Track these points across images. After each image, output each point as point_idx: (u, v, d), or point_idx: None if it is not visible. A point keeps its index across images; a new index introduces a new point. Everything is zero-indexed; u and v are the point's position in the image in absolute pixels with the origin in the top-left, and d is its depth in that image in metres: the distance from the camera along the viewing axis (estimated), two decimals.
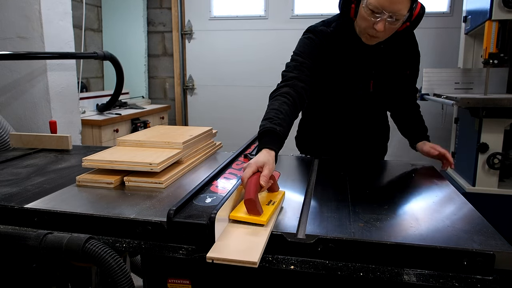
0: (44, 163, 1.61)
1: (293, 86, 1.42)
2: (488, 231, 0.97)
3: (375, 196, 1.26)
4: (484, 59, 2.62)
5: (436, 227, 1.00)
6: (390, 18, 1.37)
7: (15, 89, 2.44)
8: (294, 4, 4.00)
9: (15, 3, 2.34)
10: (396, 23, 1.39)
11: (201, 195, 1.09)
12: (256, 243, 0.90)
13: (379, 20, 1.38)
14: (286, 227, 0.98)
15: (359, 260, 0.91)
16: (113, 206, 1.12)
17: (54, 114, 2.46)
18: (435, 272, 0.88)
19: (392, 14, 1.35)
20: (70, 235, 0.98)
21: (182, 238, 0.98)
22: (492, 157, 2.58)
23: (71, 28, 2.59)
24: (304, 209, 1.13)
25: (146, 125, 3.64)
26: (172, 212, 0.93)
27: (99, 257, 0.94)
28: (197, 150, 1.60)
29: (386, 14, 1.36)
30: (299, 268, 0.93)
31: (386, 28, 1.39)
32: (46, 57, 2.38)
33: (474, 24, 2.89)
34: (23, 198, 1.17)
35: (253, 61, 4.12)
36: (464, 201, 1.20)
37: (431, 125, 1.80)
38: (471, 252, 0.86)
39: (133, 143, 1.50)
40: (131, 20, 4.23)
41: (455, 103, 2.57)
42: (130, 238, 1.03)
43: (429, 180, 1.43)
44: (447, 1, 3.73)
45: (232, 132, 3.95)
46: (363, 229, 0.97)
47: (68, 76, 2.58)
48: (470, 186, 2.71)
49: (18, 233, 1.03)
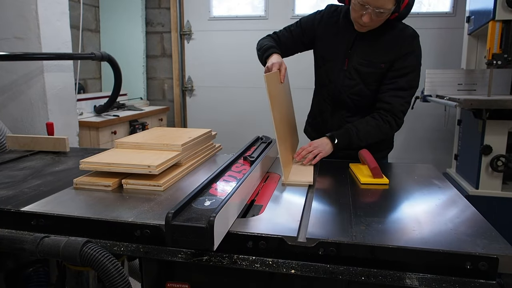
0: (41, 166, 1.61)
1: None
2: (492, 235, 0.97)
3: (377, 199, 1.27)
4: (487, 60, 2.62)
5: (438, 230, 1.00)
6: (376, 11, 1.49)
7: (11, 90, 2.44)
8: (295, 4, 4.02)
9: (12, 3, 2.35)
10: (383, 15, 1.52)
11: (200, 198, 1.09)
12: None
13: (365, 13, 1.52)
14: (286, 231, 0.98)
15: (360, 264, 0.91)
16: (111, 209, 1.12)
17: (51, 116, 2.46)
18: (438, 276, 0.88)
19: (377, 8, 1.48)
20: (67, 239, 0.98)
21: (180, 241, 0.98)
22: (496, 160, 2.58)
23: (69, 29, 2.59)
24: (305, 212, 1.13)
25: (144, 127, 3.65)
26: (171, 215, 0.93)
27: (97, 261, 0.94)
28: (196, 152, 1.60)
29: (371, 8, 1.49)
30: (300, 272, 0.93)
31: (372, 20, 1.53)
32: (43, 57, 2.38)
33: (478, 24, 2.90)
34: (19, 201, 1.17)
35: (253, 62, 4.03)
36: (467, 204, 1.20)
37: (433, 126, 1.80)
38: (474, 256, 0.87)
39: (131, 145, 1.50)
40: (129, 21, 4.24)
41: (458, 104, 2.57)
42: (128, 242, 1.03)
43: (431, 182, 1.43)
44: (450, 1, 3.74)
45: (231, 134, 3.95)
46: (364, 232, 0.97)
47: (65, 77, 2.59)
48: (473, 189, 2.71)
49: (14, 236, 1.04)
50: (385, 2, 1.48)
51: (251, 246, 0.96)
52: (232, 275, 1.03)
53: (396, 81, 1.65)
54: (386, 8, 1.49)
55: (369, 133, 1.65)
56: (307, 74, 1.75)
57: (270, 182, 1.40)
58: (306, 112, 2.04)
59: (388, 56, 1.65)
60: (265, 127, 3.98)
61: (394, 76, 1.65)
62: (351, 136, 1.63)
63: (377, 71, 1.68)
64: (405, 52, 1.63)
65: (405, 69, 1.64)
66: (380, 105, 1.68)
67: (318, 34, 1.80)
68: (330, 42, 1.76)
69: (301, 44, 1.85)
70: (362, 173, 1.46)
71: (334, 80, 1.77)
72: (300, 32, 1.83)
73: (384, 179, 1.40)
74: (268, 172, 1.52)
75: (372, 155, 1.47)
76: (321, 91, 1.87)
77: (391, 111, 1.65)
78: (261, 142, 1.77)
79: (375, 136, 1.67)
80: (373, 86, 1.71)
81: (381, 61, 1.66)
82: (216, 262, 0.96)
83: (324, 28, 1.78)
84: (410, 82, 1.65)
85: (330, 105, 1.83)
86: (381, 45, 1.66)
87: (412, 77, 1.65)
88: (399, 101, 1.65)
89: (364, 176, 1.43)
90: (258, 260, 0.95)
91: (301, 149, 1.61)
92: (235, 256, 0.96)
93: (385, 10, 1.50)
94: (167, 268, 1.06)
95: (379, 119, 1.66)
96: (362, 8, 1.51)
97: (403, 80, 1.64)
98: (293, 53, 1.88)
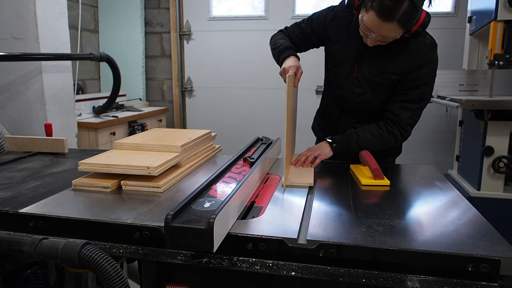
0: (40, 167, 1.61)
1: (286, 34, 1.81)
2: (493, 236, 0.97)
3: (378, 200, 1.27)
4: (489, 60, 2.62)
5: (440, 232, 1.00)
6: (381, 36, 1.43)
7: (9, 91, 2.44)
8: (295, 4, 4.02)
9: (10, 3, 2.35)
10: (388, 40, 1.46)
11: (199, 200, 1.09)
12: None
13: (369, 37, 1.46)
14: (287, 232, 0.98)
15: (361, 266, 0.91)
16: (110, 210, 1.12)
17: (49, 117, 2.46)
18: (439, 279, 0.88)
19: (381, 36, 1.43)
20: (66, 241, 0.98)
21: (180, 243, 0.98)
22: (498, 161, 2.58)
23: (67, 29, 2.59)
24: (305, 213, 1.13)
25: (143, 128, 3.65)
26: (170, 217, 0.93)
27: (96, 263, 0.94)
28: (195, 153, 1.60)
29: (374, 35, 1.43)
30: (300, 274, 0.93)
31: (377, 42, 1.48)
32: (42, 58, 2.38)
33: (479, 24, 2.90)
34: (18, 203, 1.18)
35: (254, 63, 4.12)
36: (469, 206, 1.20)
37: (435, 127, 1.79)
38: (476, 258, 0.87)
39: (131, 146, 1.50)
40: (128, 21, 4.24)
41: (459, 105, 2.57)
42: (127, 244, 1.03)
43: (433, 183, 1.43)
44: (451, 1, 3.75)
45: (231, 135, 3.95)
46: (365, 234, 0.98)
47: (64, 77, 2.59)
48: (475, 190, 2.71)
49: (13, 238, 1.03)
50: (390, 32, 1.40)
51: (251, 248, 0.96)
52: (232, 277, 1.03)
53: (406, 93, 1.60)
54: (390, 36, 1.42)
55: (370, 142, 1.62)
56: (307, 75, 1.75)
57: (270, 184, 1.40)
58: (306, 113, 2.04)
59: (400, 67, 1.57)
60: (266, 128, 4.00)
61: (406, 87, 1.60)
62: (351, 143, 1.62)
63: (388, 82, 1.61)
64: (420, 64, 1.55)
65: (418, 81, 1.57)
66: (387, 115, 1.64)
67: (329, 33, 1.72)
68: (341, 45, 1.69)
69: (311, 43, 1.80)
70: (363, 175, 1.46)
71: (342, 86, 1.72)
72: (310, 30, 1.76)
73: (385, 180, 1.40)
74: (268, 173, 1.52)
75: (373, 157, 1.47)
76: (329, 94, 1.84)
77: (397, 123, 1.62)
78: (261, 143, 1.77)
79: (376, 145, 1.63)
80: (382, 95, 1.66)
81: (392, 71, 1.59)
82: (215, 264, 0.96)
83: (336, 29, 1.69)
84: (421, 95, 1.59)
85: (337, 110, 1.80)
86: (395, 54, 1.57)
87: (425, 90, 1.59)
88: (407, 114, 1.60)
89: (365, 177, 1.43)
90: (258, 262, 0.95)
91: (300, 156, 1.61)
92: (235, 258, 0.97)
93: (389, 38, 1.43)
94: (167, 270, 1.06)
95: (383, 130, 1.62)
96: (367, 31, 1.45)
97: (415, 92, 1.59)
98: (305, 49, 1.82)
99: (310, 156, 1.59)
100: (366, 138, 1.62)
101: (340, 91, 1.74)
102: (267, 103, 4.08)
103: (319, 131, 1.98)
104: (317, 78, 1.96)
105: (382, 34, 1.42)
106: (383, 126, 1.63)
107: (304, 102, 2.31)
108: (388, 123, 1.63)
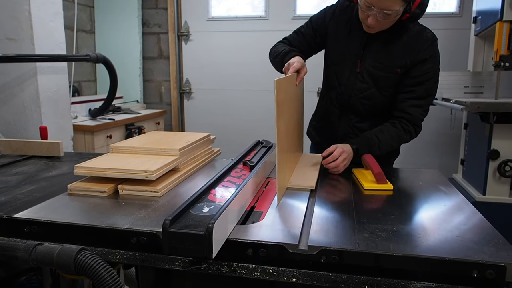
0: (34, 171, 1.61)
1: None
2: (499, 242, 0.97)
3: (381, 205, 1.27)
4: (495, 61, 2.64)
5: (444, 237, 1.01)
6: (383, 12, 1.46)
7: (3, 93, 2.45)
8: (296, 4, 4.03)
9: (4, 3, 2.36)
10: (390, 17, 1.49)
11: (198, 204, 1.09)
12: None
13: (370, 14, 1.50)
14: (287, 238, 0.98)
15: (364, 273, 0.92)
16: (106, 215, 1.12)
17: (44, 119, 2.47)
18: (444, 285, 0.88)
19: (382, 10, 1.45)
20: (61, 246, 0.98)
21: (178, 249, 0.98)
22: (503, 165, 2.59)
23: (63, 29, 2.60)
24: (307, 218, 1.13)
25: (141, 131, 3.65)
26: (168, 222, 0.93)
27: (92, 269, 0.94)
28: (194, 157, 1.60)
29: (376, 10, 1.46)
30: (301, 281, 0.93)
31: (379, 21, 1.50)
32: (36, 59, 2.39)
33: (485, 25, 2.91)
34: (12, 207, 1.18)
35: (253, 64, 4.12)
36: (474, 211, 1.20)
37: (439, 131, 1.80)
38: (481, 264, 0.87)
39: (128, 150, 1.50)
40: (125, 21, 4.26)
41: (464, 108, 2.58)
42: (124, 249, 1.03)
43: (437, 188, 1.43)
44: (456, 1, 3.76)
45: (230, 138, 3.95)
46: (368, 240, 0.98)
47: (59, 79, 2.60)
48: (480, 194, 2.71)
49: (6, 244, 1.04)
50: (391, 3, 1.44)
51: (251, 253, 0.96)
52: (231, 284, 1.04)
53: (413, 90, 1.63)
54: (392, 10, 1.45)
55: (390, 145, 1.67)
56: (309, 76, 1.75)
57: (271, 188, 1.40)
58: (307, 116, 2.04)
59: (404, 60, 1.61)
60: (266, 131, 3.99)
61: (412, 84, 1.63)
62: (372, 146, 1.63)
63: (392, 76, 1.65)
64: (422, 58, 1.60)
65: (422, 76, 1.62)
66: (400, 115, 1.66)
67: (329, 31, 1.76)
68: (342, 42, 1.72)
69: (315, 45, 1.82)
70: (365, 179, 1.46)
71: (345, 82, 1.74)
72: (312, 32, 1.79)
73: (388, 184, 1.41)
74: (268, 177, 1.53)
75: (376, 160, 1.47)
76: (329, 93, 1.85)
77: (412, 121, 1.66)
78: (262, 147, 1.77)
79: (394, 146, 1.69)
80: (387, 91, 1.69)
81: (396, 65, 1.63)
82: (214, 271, 0.97)
83: (336, 26, 1.74)
84: (428, 90, 1.64)
85: (338, 109, 1.81)
86: (397, 48, 1.62)
87: (430, 85, 1.64)
88: (418, 111, 1.65)
89: (367, 181, 1.43)
90: (258, 268, 0.95)
91: (330, 157, 1.57)
92: (235, 264, 0.97)
93: (391, 12, 1.46)
94: (164, 277, 1.07)
95: (401, 129, 1.66)
96: (368, 9, 1.49)
97: (421, 88, 1.63)
98: (308, 56, 1.83)
99: (343, 166, 1.56)
100: (387, 142, 1.65)
101: (342, 88, 1.76)
102: (268, 106, 4.07)
103: (316, 136, 1.99)
104: (319, 80, 1.96)
105: (383, 7, 1.45)
106: (399, 125, 1.66)
107: (305, 105, 2.31)
108: (404, 123, 1.66)
